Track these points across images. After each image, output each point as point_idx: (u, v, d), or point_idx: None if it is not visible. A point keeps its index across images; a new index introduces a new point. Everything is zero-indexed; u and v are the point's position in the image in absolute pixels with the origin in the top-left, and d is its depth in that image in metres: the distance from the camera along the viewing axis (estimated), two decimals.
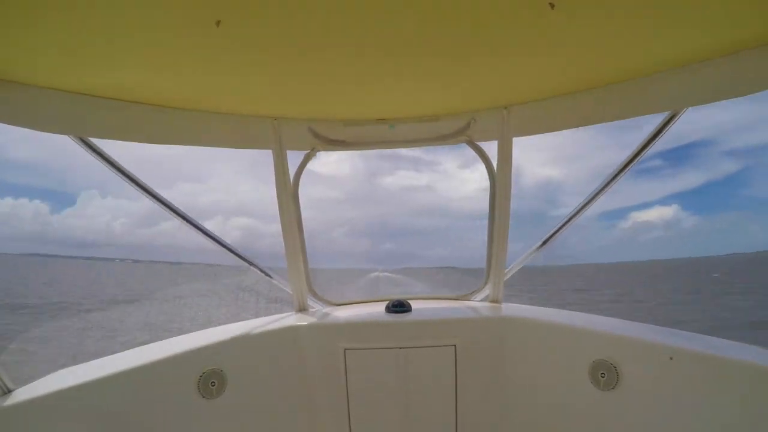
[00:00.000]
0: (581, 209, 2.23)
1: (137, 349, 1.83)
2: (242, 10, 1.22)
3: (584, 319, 2.01)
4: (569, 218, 2.28)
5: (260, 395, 1.97)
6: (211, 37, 1.33)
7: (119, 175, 1.98)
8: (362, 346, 2.08)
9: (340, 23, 1.32)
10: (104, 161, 1.93)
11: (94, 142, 1.89)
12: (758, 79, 1.51)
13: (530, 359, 2.01)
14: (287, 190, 2.21)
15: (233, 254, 2.34)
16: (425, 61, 1.58)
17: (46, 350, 12.74)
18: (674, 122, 1.87)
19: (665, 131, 1.91)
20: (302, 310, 2.37)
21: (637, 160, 2.04)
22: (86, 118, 1.73)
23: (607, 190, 2.16)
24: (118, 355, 1.78)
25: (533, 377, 1.99)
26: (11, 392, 1.42)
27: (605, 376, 1.71)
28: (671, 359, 1.54)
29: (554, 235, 2.33)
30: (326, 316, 2.24)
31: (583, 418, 1.80)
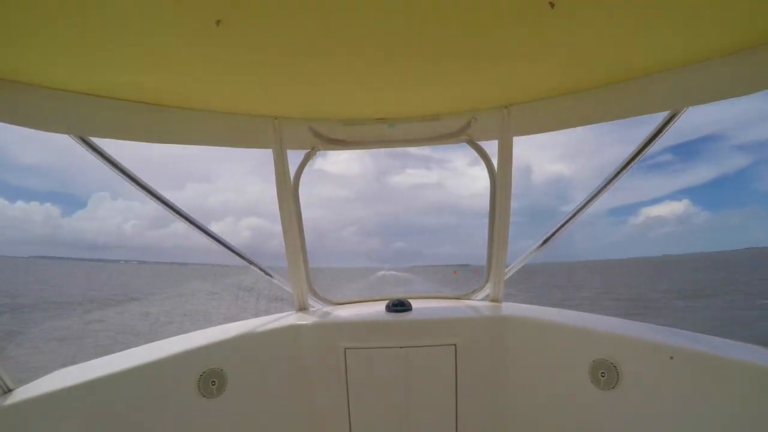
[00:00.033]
0: (582, 208, 2.23)
1: (137, 348, 1.84)
2: (242, 10, 1.22)
3: (584, 318, 2.01)
4: (570, 217, 2.28)
5: (260, 394, 1.97)
6: (211, 36, 1.33)
7: (121, 175, 1.98)
8: (362, 345, 2.08)
9: (340, 23, 1.32)
10: (105, 161, 1.93)
11: (95, 142, 1.89)
12: (758, 79, 1.51)
13: (530, 358, 2.01)
14: (287, 189, 2.21)
15: (234, 254, 2.35)
16: (425, 60, 1.58)
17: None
18: (674, 122, 1.87)
19: (665, 131, 1.91)
20: (302, 309, 2.38)
21: (637, 159, 2.04)
22: (87, 117, 1.74)
23: (608, 188, 2.16)
24: (118, 354, 1.78)
25: (533, 377, 1.99)
26: (11, 392, 1.42)
27: (605, 375, 1.71)
28: (671, 359, 1.54)
29: (556, 233, 2.33)
30: (326, 315, 2.25)
31: (583, 417, 1.81)
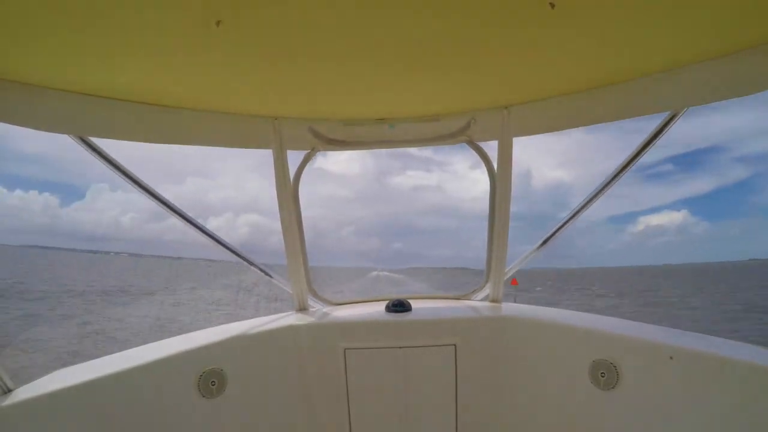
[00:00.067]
0: (581, 209, 2.24)
1: (137, 348, 1.83)
2: (242, 10, 1.22)
3: (584, 318, 2.01)
4: (569, 219, 2.28)
5: (260, 395, 1.97)
6: (211, 37, 1.33)
7: (118, 173, 1.98)
8: (362, 345, 2.08)
9: (340, 23, 1.32)
10: (104, 160, 1.92)
11: (94, 141, 1.89)
12: (758, 79, 1.51)
13: (530, 359, 2.01)
14: (287, 189, 2.21)
15: (233, 253, 2.34)
16: (425, 60, 1.58)
17: None
18: (674, 122, 1.87)
19: (665, 131, 1.91)
20: (302, 309, 2.37)
21: (637, 159, 2.04)
22: (86, 117, 1.73)
23: (606, 190, 2.16)
24: (118, 354, 1.78)
25: (533, 377, 1.99)
26: (11, 392, 1.42)
27: (605, 375, 1.71)
28: (671, 359, 1.54)
29: (554, 235, 2.33)
30: (326, 315, 2.24)
31: (582, 417, 1.80)
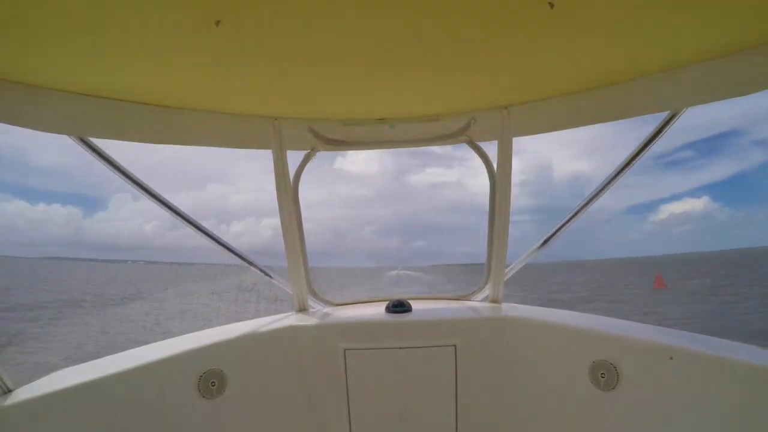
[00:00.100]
0: (581, 209, 2.23)
1: (137, 349, 1.83)
2: (242, 10, 1.22)
3: (584, 319, 2.01)
4: (570, 217, 2.28)
5: (260, 395, 1.97)
6: (210, 37, 1.33)
7: (118, 173, 1.98)
8: (362, 346, 2.07)
9: (340, 23, 1.32)
10: (105, 161, 1.92)
11: (95, 143, 1.89)
12: (758, 79, 1.51)
13: (530, 359, 2.01)
14: (287, 190, 2.21)
15: (233, 254, 2.35)
16: (425, 61, 1.58)
17: None
18: (674, 122, 1.87)
19: (665, 131, 1.91)
20: (302, 310, 2.37)
21: (637, 159, 2.04)
22: (87, 118, 1.73)
23: (607, 190, 2.16)
24: (118, 355, 1.78)
25: (533, 377, 1.99)
26: (11, 392, 1.42)
27: (605, 376, 1.71)
28: (671, 359, 1.54)
29: (556, 233, 2.33)
30: (326, 316, 2.24)
31: (583, 418, 1.80)
